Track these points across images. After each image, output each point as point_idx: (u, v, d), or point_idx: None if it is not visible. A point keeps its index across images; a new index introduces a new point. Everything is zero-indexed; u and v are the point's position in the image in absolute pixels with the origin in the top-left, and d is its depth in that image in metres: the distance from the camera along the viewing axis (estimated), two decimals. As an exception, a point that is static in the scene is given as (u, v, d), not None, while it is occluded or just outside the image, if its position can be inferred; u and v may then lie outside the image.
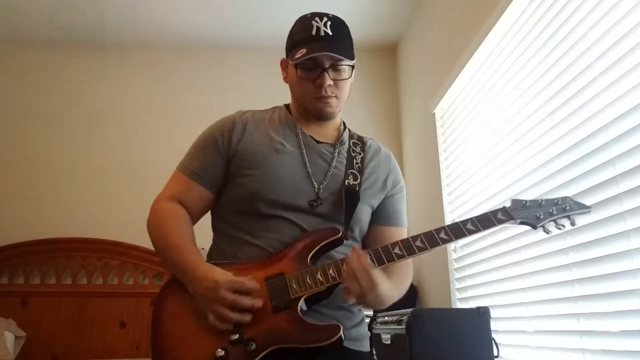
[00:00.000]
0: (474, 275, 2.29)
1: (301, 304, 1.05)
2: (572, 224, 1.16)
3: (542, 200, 1.16)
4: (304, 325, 1.03)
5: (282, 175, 1.17)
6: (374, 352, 2.23)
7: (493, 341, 1.84)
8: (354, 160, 1.25)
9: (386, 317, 2.09)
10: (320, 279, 1.06)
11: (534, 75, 1.80)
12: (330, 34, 1.19)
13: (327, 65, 1.18)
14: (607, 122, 1.39)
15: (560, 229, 1.15)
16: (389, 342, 2.03)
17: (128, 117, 3.55)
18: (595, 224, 1.44)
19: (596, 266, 1.44)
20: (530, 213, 1.14)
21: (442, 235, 1.10)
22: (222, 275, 1.05)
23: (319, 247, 1.11)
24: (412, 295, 3.00)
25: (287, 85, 1.30)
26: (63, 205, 3.32)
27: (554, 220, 1.14)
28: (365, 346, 1.23)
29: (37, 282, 3.10)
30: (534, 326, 1.76)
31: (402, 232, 1.32)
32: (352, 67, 1.23)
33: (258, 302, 1.03)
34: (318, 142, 1.26)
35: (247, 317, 1.03)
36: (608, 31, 1.41)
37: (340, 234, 1.12)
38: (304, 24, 1.22)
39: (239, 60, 3.71)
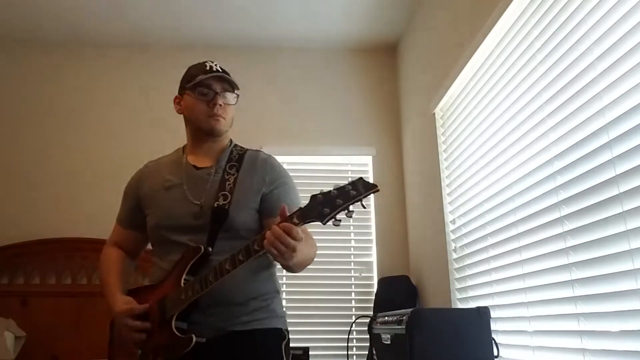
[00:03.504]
0: (474, 275, 2.29)
1: (175, 321, 1.32)
2: (363, 206, 1.12)
3: (334, 191, 1.12)
4: (176, 339, 1.31)
5: (169, 206, 1.47)
6: (374, 352, 2.24)
7: (493, 341, 1.84)
8: (227, 183, 1.46)
9: (386, 317, 2.09)
10: (189, 294, 1.31)
11: (534, 75, 1.80)
12: (220, 70, 1.53)
13: (218, 90, 1.49)
14: (607, 122, 1.39)
15: (350, 216, 1.12)
16: (389, 342, 2.03)
17: (128, 117, 3.55)
18: (595, 224, 1.44)
19: (596, 267, 1.44)
20: (318, 211, 1.12)
21: (256, 246, 1.20)
22: (121, 306, 1.42)
23: (187, 268, 1.35)
24: (412, 295, 3.00)
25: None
26: (63, 205, 3.31)
27: (344, 209, 1.12)
28: (265, 324, 1.40)
29: (37, 282, 3.10)
30: (534, 326, 1.76)
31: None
32: (237, 96, 1.54)
33: (145, 324, 1.37)
34: (198, 168, 1.52)
35: (142, 335, 1.37)
36: (609, 31, 1.40)
37: (201, 252, 1.35)
38: (198, 65, 1.54)
39: (238, 60, 3.70)
